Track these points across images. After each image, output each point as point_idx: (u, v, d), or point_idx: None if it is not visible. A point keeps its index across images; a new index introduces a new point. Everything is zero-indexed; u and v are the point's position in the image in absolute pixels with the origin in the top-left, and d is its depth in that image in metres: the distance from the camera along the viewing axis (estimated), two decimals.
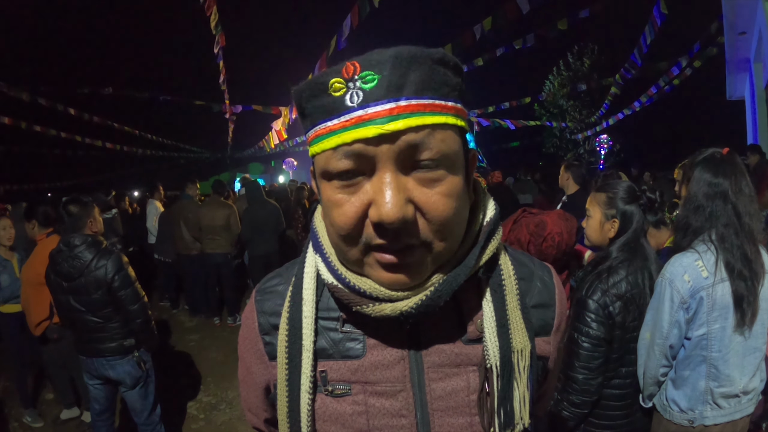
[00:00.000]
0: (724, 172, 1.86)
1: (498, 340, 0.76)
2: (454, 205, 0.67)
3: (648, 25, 6.61)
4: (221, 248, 6.77)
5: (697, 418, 1.87)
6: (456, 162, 0.67)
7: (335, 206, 0.67)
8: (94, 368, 3.11)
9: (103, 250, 3.03)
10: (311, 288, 0.81)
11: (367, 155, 0.63)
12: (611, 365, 1.96)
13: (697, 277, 1.81)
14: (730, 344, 1.81)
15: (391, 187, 0.62)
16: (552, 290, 0.88)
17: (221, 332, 6.69)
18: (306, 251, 0.86)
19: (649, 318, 1.91)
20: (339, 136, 0.63)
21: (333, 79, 0.64)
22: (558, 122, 24.76)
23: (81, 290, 2.96)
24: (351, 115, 0.62)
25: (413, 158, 0.63)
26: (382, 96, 0.61)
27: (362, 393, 0.79)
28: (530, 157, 17.79)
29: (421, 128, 0.62)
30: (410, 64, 0.62)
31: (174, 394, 4.67)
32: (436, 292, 0.69)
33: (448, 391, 0.78)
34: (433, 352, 0.78)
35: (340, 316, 0.81)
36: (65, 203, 3.06)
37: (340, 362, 0.80)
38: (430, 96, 0.63)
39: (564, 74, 25.29)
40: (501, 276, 0.80)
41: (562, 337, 0.93)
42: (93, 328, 3.02)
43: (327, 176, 0.67)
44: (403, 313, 0.69)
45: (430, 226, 0.65)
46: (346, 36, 4.91)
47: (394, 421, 0.78)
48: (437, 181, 0.65)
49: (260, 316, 0.88)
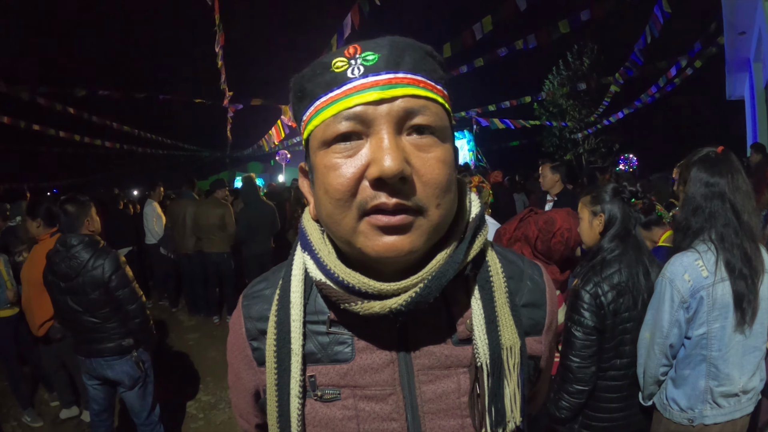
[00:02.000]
0: (720, 171, 1.88)
1: (487, 337, 0.75)
2: (448, 171, 0.69)
3: (650, 23, 6.61)
4: (217, 247, 6.77)
5: (697, 417, 1.87)
6: (447, 137, 0.71)
7: (332, 170, 0.67)
8: (92, 368, 3.11)
9: (100, 249, 3.02)
10: (299, 291, 0.81)
11: (367, 117, 0.65)
12: (605, 355, 1.99)
13: (698, 277, 1.81)
14: (730, 343, 1.81)
15: (390, 144, 0.64)
16: (543, 289, 0.88)
17: (220, 331, 6.68)
18: (293, 253, 0.85)
19: (650, 317, 1.92)
20: (341, 102, 0.66)
21: (336, 59, 0.68)
22: (557, 122, 24.76)
23: (78, 290, 2.95)
24: (354, 83, 0.66)
25: (409, 123, 0.67)
26: (382, 68, 0.66)
27: (352, 397, 0.78)
28: (529, 157, 17.77)
29: (417, 98, 0.67)
30: (405, 49, 0.68)
31: (173, 393, 4.67)
32: (426, 288, 0.69)
33: (439, 393, 0.77)
34: (423, 354, 0.77)
35: (328, 317, 0.80)
36: (62, 202, 3.05)
37: (328, 366, 0.79)
38: (423, 75, 0.68)
39: (563, 73, 25.31)
40: (489, 273, 0.79)
41: (554, 337, 0.92)
42: (91, 329, 3.01)
43: (325, 143, 0.69)
44: (392, 310, 0.69)
45: (425, 190, 0.66)
46: (347, 35, 4.91)
47: (385, 425, 0.77)
48: (431, 147, 0.68)
49: (247, 322, 0.88)
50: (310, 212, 0.83)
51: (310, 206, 0.81)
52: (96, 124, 10.66)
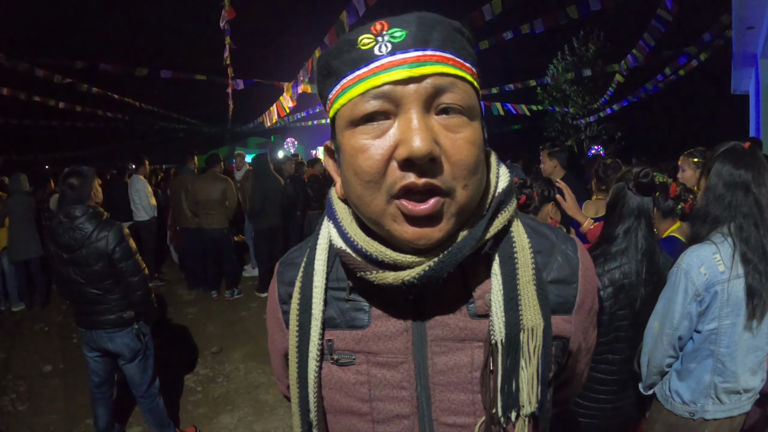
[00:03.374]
0: (745, 164, 1.86)
1: (504, 315, 0.73)
2: (477, 152, 0.68)
3: (657, 11, 6.53)
4: (217, 223, 6.76)
5: (698, 411, 1.89)
6: (476, 116, 0.70)
7: (360, 152, 0.67)
8: (93, 340, 3.12)
9: (104, 221, 3.01)
10: (323, 258, 0.83)
11: (395, 96, 0.64)
12: (598, 348, 1.98)
13: (714, 271, 1.80)
14: (738, 341, 1.82)
15: (419, 124, 0.63)
16: (575, 265, 0.83)
17: (219, 306, 6.72)
18: (321, 223, 0.87)
19: (660, 307, 1.92)
20: (368, 81, 0.65)
21: (362, 35, 0.67)
22: (560, 107, 24.61)
23: (81, 262, 2.95)
24: (381, 61, 0.65)
25: (438, 102, 0.65)
26: (410, 46, 0.64)
27: (365, 363, 0.80)
28: (531, 141, 17.68)
29: (446, 76, 0.65)
30: (434, 25, 0.66)
31: (172, 367, 4.70)
32: (440, 263, 0.68)
33: (450, 365, 0.77)
34: (437, 325, 0.77)
35: (348, 284, 0.81)
36: (65, 176, 3.03)
37: (345, 332, 0.81)
38: (452, 52, 0.67)
39: (568, 59, 25.09)
40: (513, 248, 0.76)
41: (589, 317, 0.87)
42: (92, 300, 3.02)
43: (353, 123, 0.68)
44: (405, 282, 0.69)
45: (453, 171, 0.65)
46: (363, 13, 4.81)
47: (395, 392, 0.79)
48: (460, 127, 0.66)
49: (280, 287, 0.92)
50: (337, 191, 0.83)
51: (337, 185, 0.81)
52: (96, 95, 10.53)
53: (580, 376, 0.98)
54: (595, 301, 0.87)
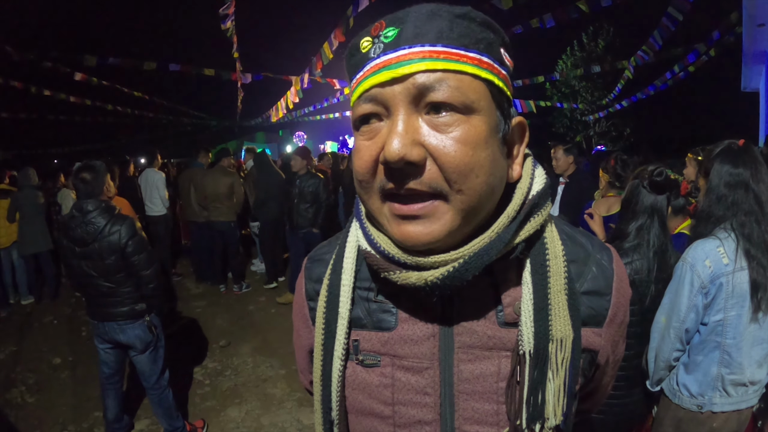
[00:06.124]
0: (743, 161, 1.88)
1: (534, 325, 0.71)
2: (470, 152, 0.63)
3: (668, 9, 6.47)
4: (224, 216, 6.82)
5: (706, 404, 1.90)
6: (478, 111, 0.65)
7: (356, 153, 0.69)
8: (104, 332, 3.16)
9: (116, 215, 3.04)
10: (351, 257, 0.82)
11: (383, 98, 0.65)
12: None
13: (719, 263, 1.82)
14: (744, 332, 1.83)
15: (399, 127, 0.63)
16: (609, 276, 0.80)
17: (227, 300, 6.76)
18: (351, 221, 0.87)
19: (666, 301, 1.94)
20: (361, 85, 0.67)
21: (364, 38, 0.68)
22: (569, 103, 24.50)
23: (94, 255, 2.98)
24: (371, 64, 0.66)
25: (425, 100, 0.63)
26: (398, 44, 0.64)
27: (390, 366, 0.79)
28: (539, 136, 17.62)
29: (432, 72, 0.63)
30: (429, 18, 0.64)
31: (180, 360, 4.74)
32: (465, 264, 0.66)
33: (476, 374, 0.75)
34: (465, 332, 0.75)
35: (374, 285, 0.81)
36: (78, 170, 3.06)
37: (372, 333, 0.80)
38: (445, 44, 0.64)
39: (578, 55, 24.96)
40: (546, 255, 0.74)
41: (619, 330, 0.84)
42: (105, 293, 3.05)
43: (355, 125, 0.71)
44: (428, 283, 0.67)
45: (442, 173, 0.63)
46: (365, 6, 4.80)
47: (419, 398, 0.77)
48: (450, 126, 0.63)
49: (307, 283, 0.92)
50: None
51: None
52: (104, 88, 10.60)
53: (605, 388, 0.96)
54: (626, 314, 0.85)
